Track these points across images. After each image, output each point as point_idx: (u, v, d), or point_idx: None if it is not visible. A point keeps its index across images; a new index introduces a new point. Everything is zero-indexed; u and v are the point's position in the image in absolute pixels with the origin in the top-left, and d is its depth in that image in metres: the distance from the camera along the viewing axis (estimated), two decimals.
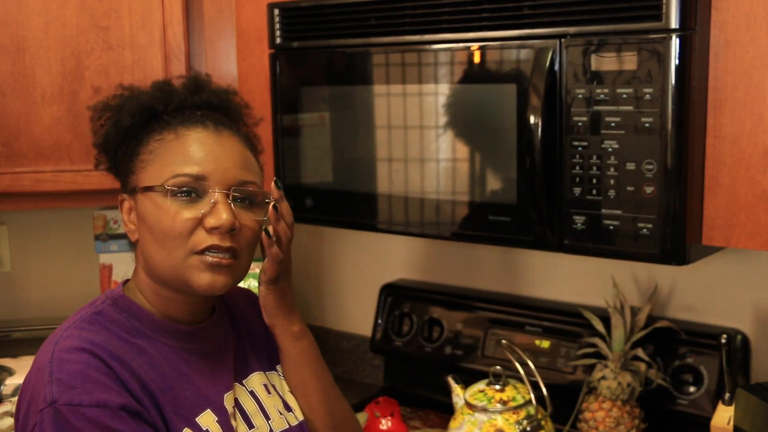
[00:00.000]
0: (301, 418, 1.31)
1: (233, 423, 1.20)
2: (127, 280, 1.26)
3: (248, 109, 1.32)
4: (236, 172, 1.17)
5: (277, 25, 1.74)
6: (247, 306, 1.38)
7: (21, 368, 2.00)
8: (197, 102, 1.23)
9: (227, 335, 1.29)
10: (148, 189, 1.16)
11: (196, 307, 1.23)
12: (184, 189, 1.14)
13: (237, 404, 1.24)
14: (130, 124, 1.20)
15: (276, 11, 1.73)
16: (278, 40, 1.74)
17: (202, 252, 1.14)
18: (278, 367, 1.34)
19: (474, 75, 1.50)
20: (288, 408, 1.30)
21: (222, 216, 1.13)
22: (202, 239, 1.14)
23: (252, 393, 1.27)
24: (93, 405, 1.06)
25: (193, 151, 1.16)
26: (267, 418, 1.26)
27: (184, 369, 1.19)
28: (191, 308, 1.22)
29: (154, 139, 1.18)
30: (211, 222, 1.13)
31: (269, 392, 1.29)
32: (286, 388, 1.33)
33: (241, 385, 1.27)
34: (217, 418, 1.17)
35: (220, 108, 1.25)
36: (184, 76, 1.30)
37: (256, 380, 1.29)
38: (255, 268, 2.14)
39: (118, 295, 1.21)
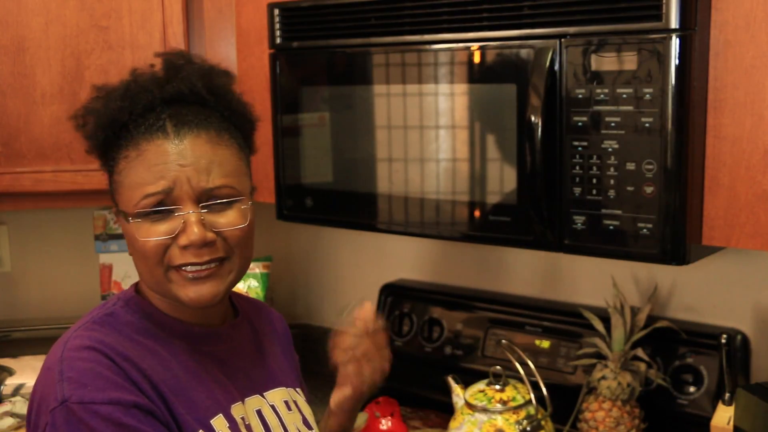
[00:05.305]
0: None
1: None
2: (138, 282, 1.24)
3: (230, 78, 1.24)
4: (202, 180, 1.12)
5: (277, 25, 1.73)
6: (271, 329, 1.39)
7: (21, 368, 2.00)
8: (167, 96, 1.16)
9: (244, 342, 1.28)
10: (123, 213, 1.14)
11: (206, 312, 1.20)
12: (152, 211, 1.11)
13: (260, 416, 1.23)
14: (104, 139, 1.17)
15: (276, 11, 1.73)
16: (278, 40, 1.74)
17: (179, 268, 1.12)
18: (299, 390, 1.35)
19: (474, 75, 1.50)
20: (308, 426, 1.30)
21: (193, 232, 1.10)
22: (177, 256, 1.12)
23: (273, 407, 1.26)
24: (105, 402, 1.04)
25: (155, 169, 1.11)
26: None
27: (197, 371, 1.17)
28: (200, 313, 1.20)
29: (122, 157, 1.14)
30: (182, 241, 1.11)
31: (290, 408, 1.29)
32: (308, 409, 1.33)
33: (262, 397, 1.25)
34: (228, 425, 1.16)
35: (193, 94, 1.17)
36: (162, 54, 1.21)
37: (278, 395, 1.28)
38: (255, 268, 2.16)
39: (130, 296, 1.20)
